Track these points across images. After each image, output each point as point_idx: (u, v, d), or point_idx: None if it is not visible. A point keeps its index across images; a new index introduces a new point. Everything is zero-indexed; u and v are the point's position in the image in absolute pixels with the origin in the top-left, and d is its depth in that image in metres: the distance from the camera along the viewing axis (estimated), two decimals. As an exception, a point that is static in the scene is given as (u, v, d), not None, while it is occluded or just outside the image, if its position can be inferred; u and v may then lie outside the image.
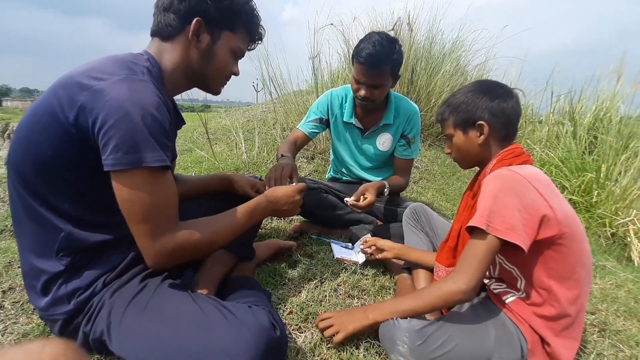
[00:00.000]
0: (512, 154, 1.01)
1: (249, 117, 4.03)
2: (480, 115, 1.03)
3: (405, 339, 0.90)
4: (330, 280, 1.35)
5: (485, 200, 0.92)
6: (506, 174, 0.94)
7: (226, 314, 0.80)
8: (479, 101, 1.04)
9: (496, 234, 0.88)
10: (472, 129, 1.06)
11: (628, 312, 1.39)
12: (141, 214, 0.77)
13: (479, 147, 1.06)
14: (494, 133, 1.04)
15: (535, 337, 0.94)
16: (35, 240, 0.85)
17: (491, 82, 1.10)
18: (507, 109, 1.02)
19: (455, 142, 1.10)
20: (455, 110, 1.08)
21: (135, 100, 0.74)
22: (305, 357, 0.98)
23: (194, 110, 4.19)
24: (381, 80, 1.56)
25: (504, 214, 0.88)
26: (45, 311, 0.86)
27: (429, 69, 3.70)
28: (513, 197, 0.89)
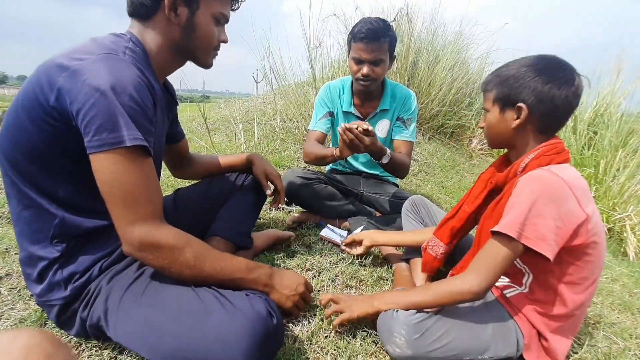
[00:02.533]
0: (553, 151, 0.91)
1: (248, 107, 4.00)
2: (523, 97, 0.90)
3: (403, 332, 0.90)
4: (328, 271, 1.35)
5: (521, 205, 0.84)
6: (547, 178, 0.85)
7: (223, 302, 0.80)
8: (529, 80, 0.89)
9: (526, 242, 0.83)
10: (510, 108, 0.93)
11: (622, 305, 1.40)
12: (120, 197, 0.74)
13: (512, 131, 0.95)
14: (534, 120, 0.92)
15: (532, 332, 0.94)
16: (29, 226, 0.84)
17: (553, 61, 0.91)
18: (558, 98, 0.87)
19: (488, 118, 1.00)
20: (501, 83, 0.95)
21: (112, 80, 0.71)
22: (303, 345, 0.99)
23: (193, 100, 4.17)
24: (381, 55, 1.57)
25: (538, 222, 0.82)
26: (41, 297, 0.86)
27: (430, 62, 3.67)
28: (551, 206, 0.82)
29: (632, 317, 1.34)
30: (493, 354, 0.92)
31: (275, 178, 1.38)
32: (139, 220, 0.76)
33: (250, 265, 0.92)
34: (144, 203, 0.77)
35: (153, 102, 0.82)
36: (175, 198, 1.29)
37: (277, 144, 2.96)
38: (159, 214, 0.80)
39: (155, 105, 0.84)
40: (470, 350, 0.92)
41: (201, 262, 0.83)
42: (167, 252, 0.79)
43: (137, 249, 0.77)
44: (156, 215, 0.79)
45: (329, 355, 0.96)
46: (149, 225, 0.77)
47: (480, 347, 0.92)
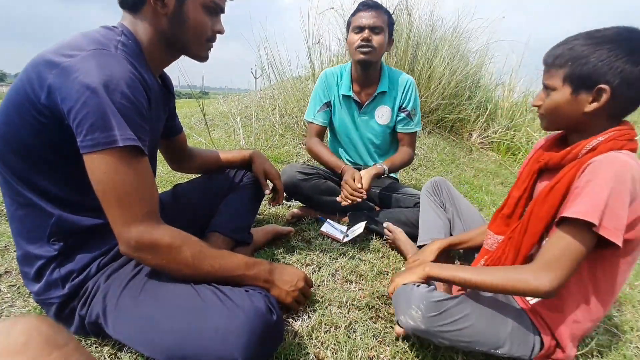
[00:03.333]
0: (627, 136, 0.82)
1: (246, 103, 3.98)
2: (608, 79, 0.78)
3: (422, 306, 0.87)
4: (328, 266, 1.35)
5: (598, 190, 0.75)
6: (625, 161, 0.76)
7: (222, 298, 0.79)
8: (615, 60, 0.77)
9: (605, 233, 0.74)
10: (586, 91, 0.82)
11: (623, 298, 1.40)
12: (114, 197, 0.73)
13: (583, 116, 0.84)
14: (612, 105, 0.81)
15: (552, 343, 0.90)
16: (24, 225, 0.83)
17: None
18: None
19: (555, 98, 0.87)
20: (578, 61, 0.81)
21: (103, 77, 0.70)
22: (303, 340, 0.99)
23: (191, 96, 4.15)
24: (381, 23, 1.59)
25: (618, 212, 0.74)
26: (39, 295, 0.85)
27: (429, 55, 3.65)
28: (626, 190, 0.74)
29: (633, 309, 1.34)
30: (507, 351, 0.89)
31: (275, 177, 1.38)
32: (134, 221, 0.75)
33: (249, 262, 0.91)
34: (139, 203, 0.75)
35: (147, 97, 0.80)
36: (174, 193, 1.29)
37: (276, 140, 2.95)
38: (154, 213, 0.79)
39: (150, 101, 0.82)
40: (484, 341, 0.88)
41: (199, 261, 0.82)
42: (164, 251, 0.78)
43: (134, 249, 0.76)
44: (152, 215, 0.78)
45: (330, 350, 0.96)
46: (145, 225, 0.76)
47: (495, 342, 0.89)
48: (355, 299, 1.18)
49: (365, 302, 1.17)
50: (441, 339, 0.88)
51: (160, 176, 2.14)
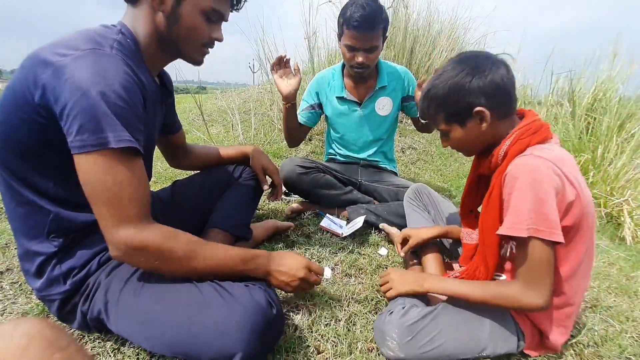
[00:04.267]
0: (529, 131, 0.88)
1: (245, 98, 3.97)
2: (475, 102, 0.88)
3: (394, 335, 0.90)
4: (328, 260, 1.36)
5: (518, 199, 0.81)
6: (532, 163, 0.82)
7: (222, 293, 0.80)
8: (468, 85, 0.88)
9: (541, 235, 0.79)
10: (469, 119, 0.91)
11: (619, 289, 1.42)
12: (104, 198, 0.71)
13: (483, 134, 0.92)
14: (495, 113, 0.89)
15: (534, 331, 0.93)
16: (24, 223, 0.84)
17: (473, 57, 0.92)
18: (501, 83, 0.87)
19: (453, 137, 0.97)
20: (444, 103, 0.93)
21: (97, 78, 0.69)
22: (303, 334, 1.00)
23: (189, 91, 4.13)
24: (376, 42, 1.56)
25: (544, 210, 0.78)
26: (41, 291, 0.86)
27: (427, 48, 3.63)
28: (548, 188, 0.79)
29: (629, 300, 1.36)
30: (492, 352, 0.92)
31: (273, 172, 1.38)
32: (123, 223, 0.73)
33: (247, 256, 0.89)
34: (128, 204, 0.73)
35: (142, 98, 0.79)
36: (173, 190, 1.29)
37: (275, 135, 2.94)
38: (145, 214, 0.76)
39: (145, 101, 0.82)
40: (466, 350, 0.92)
41: (192, 260, 0.81)
42: (155, 253, 0.76)
43: (124, 252, 0.74)
44: (142, 216, 0.75)
45: (330, 343, 0.98)
46: (135, 227, 0.74)
47: (477, 347, 0.92)
48: (354, 292, 1.19)
49: (365, 296, 1.18)
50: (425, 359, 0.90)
51: (160, 172, 2.14)
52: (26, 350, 0.42)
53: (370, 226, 1.65)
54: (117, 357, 0.88)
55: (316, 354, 0.94)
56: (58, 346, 0.45)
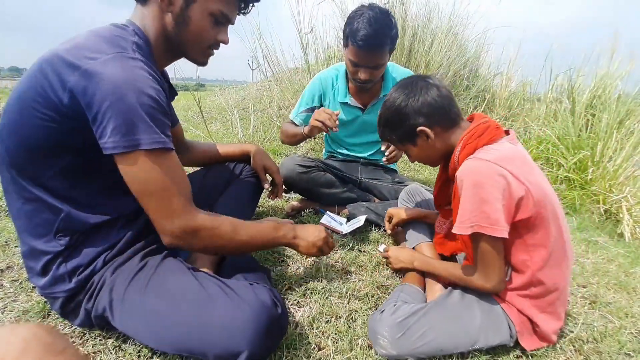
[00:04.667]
0: (474, 135, 0.95)
1: (244, 95, 3.97)
2: (415, 122, 0.99)
3: (385, 333, 0.92)
4: (328, 257, 1.36)
5: (463, 202, 0.90)
6: (475, 166, 0.89)
7: (227, 292, 0.80)
8: (404, 108, 1.00)
9: (482, 231, 0.86)
10: (417, 137, 1.02)
11: (618, 285, 1.43)
12: (152, 195, 0.77)
13: (434, 148, 1.02)
14: (438, 128, 1.00)
15: (522, 319, 0.96)
16: (31, 221, 0.83)
17: (407, 83, 1.03)
18: (434, 101, 0.98)
19: (411, 154, 1.09)
20: (392, 127, 1.06)
21: (129, 81, 0.71)
22: (304, 331, 1.00)
23: (188, 89, 4.12)
24: (382, 60, 1.51)
25: (485, 209, 0.86)
26: (45, 289, 0.86)
27: (427, 45, 3.62)
28: (489, 188, 0.85)
29: (628, 296, 1.36)
30: (484, 344, 0.94)
31: (274, 172, 1.39)
32: (175, 213, 0.79)
33: (276, 225, 1.00)
34: (177, 196, 0.79)
35: (165, 95, 0.81)
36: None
37: (274, 132, 2.94)
38: (191, 201, 0.83)
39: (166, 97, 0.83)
40: (457, 344, 0.93)
41: (237, 234, 0.89)
42: (207, 233, 0.84)
43: (179, 238, 0.81)
44: (189, 205, 0.82)
45: (330, 340, 0.98)
46: (186, 215, 0.80)
47: (468, 340, 0.94)
48: (355, 289, 1.20)
49: (365, 292, 1.18)
50: (418, 355, 0.92)
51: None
52: (23, 354, 0.42)
53: (370, 223, 1.65)
54: (119, 355, 0.88)
55: (317, 350, 0.95)
56: (55, 350, 0.45)
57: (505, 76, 4.24)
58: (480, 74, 4.17)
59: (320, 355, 0.93)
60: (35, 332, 0.45)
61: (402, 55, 3.55)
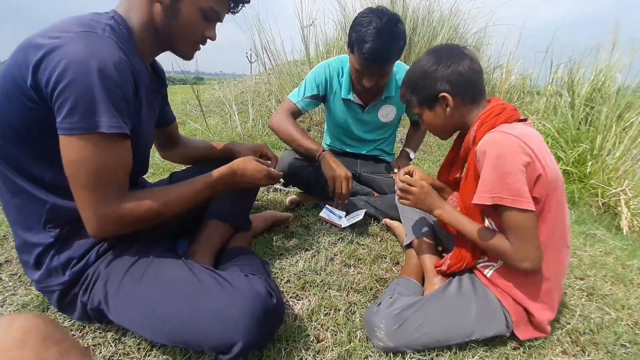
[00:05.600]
0: (492, 114, 0.96)
1: (242, 88, 3.94)
2: (439, 88, 0.99)
3: (382, 325, 0.93)
4: (327, 250, 1.37)
5: (485, 171, 0.87)
6: (499, 138, 0.88)
7: (222, 283, 0.81)
8: (433, 73, 0.99)
9: (504, 202, 0.84)
10: (436, 103, 1.02)
11: (615, 278, 1.43)
12: (86, 180, 0.74)
13: (450, 118, 1.02)
14: (460, 100, 0.99)
15: (518, 309, 0.96)
16: (20, 214, 0.83)
17: (441, 49, 1.03)
18: (464, 72, 0.97)
19: (425, 120, 1.08)
20: (415, 89, 1.05)
21: (91, 59, 0.68)
22: (303, 323, 1.01)
23: (186, 82, 4.09)
24: (387, 70, 1.48)
25: (508, 180, 0.84)
26: (40, 283, 0.86)
27: (427, 38, 3.60)
28: (512, 160, 0.84)
29: (625, 288, 1.37)
30: (480, 335, 0.95)
31: (263, 147, 1.34)
32: (102, 203, 0.76)
33: (212, 181, 0.97)
34: (110, 187, 0.77)
35: (135, 83, 0.79)
36: (171, 181, 1.28)
37: (273, 126, 2.92)
38: (122, 190, 0.80)
39: (138, 86, 0.81)
40: (453, 335, 0.94)
41: (169, 208, 0.87)
42: (134, 221, 0.81)
43: (105, 230, 0.79)
44: (120, 193, 0.79)
45: (329, 332, 0.99)
46: (114, 205, 0.77)
47: (464, 331, 0.94)
48: (354, 282, 1.20)
49: (364, 285, 1.19)
50: (415, 347, 0.93)
51: (157, 164, 2.13)
52: (22, 344, 0.42)
53: (369, 217, 1.65)
54: (118, 347, 0.88)
55: (316, 342, 0.95)
56: (54, 340, 0.46)
57: (505, 69, 4.22)
58: (480, 67, 4.15)
59: (319, 347, 0.94)
60: (34, 323, 0.45)
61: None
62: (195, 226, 1.22)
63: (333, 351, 0.92)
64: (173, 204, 0.89)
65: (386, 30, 1.34)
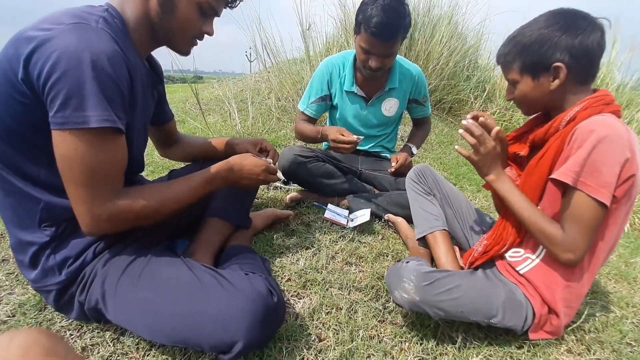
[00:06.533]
0: (601, 102, 0.86)
1: (242, 87, 3.92)
2: (557, 57, 0.86)
3: (412, 277, 0.91)
4: (328, 248, 1.35)
5: (582, 151, 0.79)
6: (612, 122, 0.80)
7: (222, 282, 0.79)
8: (557, 40, 0.85)
9: (584, 189, 0.79)
10: (544, 73, 0.89)
11: (619, 275, 1.42)
12: (80, 177, 0.72)
13: (551, 94, 0.90)
14: (572, 76, 0.87)
15: (544, 310, 0.93)
16: (15, 213, 0.82)
17: (571, 13, 0.88)
18: (591, 47, 0.84)
19: (521, 89, 0.94)
20: (525, 51, 0.90)
21: (84, 51, 0.66)
22: (305, 322, 0.99)
23: (185, 80, 4.06)
24: (393, 49, 1.49)
25: (602, 170, 0.77)
26: (37, 283, 0.85)
27: (427, 34, 3.58)
28: (615, 150, 0.77)
29: (629, 286, 1.36)
30: (499, 320, 0.92)
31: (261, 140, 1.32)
32: (97, 201, 0.74)
33: (208, 177, 0.95)
34: (104, 184, 0.75)
35: (129, 76, 0.77)
36: (170, 179, 1.27)
37: (273, 123, 2.91)
38: (117, 187, 0.78)
39: (133, 79, 0.79)
40: (478, 310, 0.91)
41: (165, 206, 0.86)
42: (129, 218, 0.80)
43: (99, 228, 0.77)
44: (115, 190, 0.77)
45: (331, 331, 0.97)
46: (108, 202, 0.76)
47: (489, 311, 0.92)
48: (355, 280, 1.19)
49: (366, 284, 1.17)
50: (437, 309, 0.90)
51: (157, 162, 2.11)
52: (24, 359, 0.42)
53: (371, 215, 1.63)
54: (117, 347, 0.87)
55: (318, 341, 0.94)
56: (56, 354, 0.45)
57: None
58: (480, 64, 4.13)
59: (321, 346, 0.92)
60: (36, 338, 0.45)
61: (402, 44, 3.50)
62: (194, 225, 1.20)
63: (335, 350, 0.91)
64: (170, 201, 0.87)
65: (392, 7, 1.38)
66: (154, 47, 0.94)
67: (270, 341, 0.89)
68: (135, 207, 0.80)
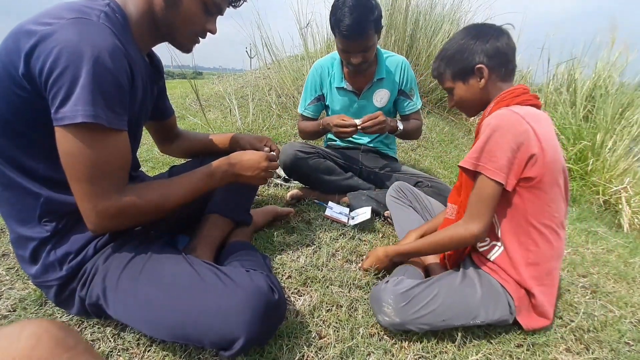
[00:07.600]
0: (511, 95, 1.00)
1: (242, 83, 3.91)
2: (477, 60, 1.02)
3: (390, 301, 0.94)
4: (328, 246, 1.35)
5: (480, 140, 0.93)
6: (503, 113, 0.94)
7: (223, 278, 0.79)
8: (473, 46, 1.02)
9: (484, 172, 0.92)
10: (471, 76, 1.04)
11: (618, 275, 1.43)
12: (84, 173, 0.71)
13: (482, 92, 1.05)
14: (494, 74, 1.03)
15: (521, 292, 0.98)
16: (14, 208, 0.81)
17: (479, 25, 1.07)
18: (502, 47, 1.01)
19: (457, 94, 1.09)
20: (451, 61, 1.07)
21: (85, 46, 0.66)
22: (305, 319, 0.99)
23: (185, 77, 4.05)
24: (369, 43, 1.52)
25: (496, 152, 0.90)
26: (37, 278, 0.84)
27: (429, 33, 3.57)
28: (507, 135, 0.90)
29: (627, 286, 1.37)
30: (484, 318, 0.95)
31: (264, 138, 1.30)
32: (101, 197, 0.74)
33: (209, 172, 0.96)
34: (108, 181, 0.74)
35: (130, 71, 0.77)
36: (170, 175, 1.26)
37: (273, 120, 2.90)
38: (121, 184, 0.78)
39: (133, 74, 0.79)
40: (459, 315, 0.95)
41: (167, 201, 0.86)
42: (133, 215, 0.80)
43: (104, 224, 0.77)
44: (119, 187, 0.77)
45: (331, 328, 0.97)
46: (113, 199, 0.75)
47: (469, 313, 0.95)
48: (356, 278, 1.19)
49: (366, 282, 1.18)
50: (419, 325, 0.93)
51: (157, 158, 2.11)
52: (34, 350, 0.42)
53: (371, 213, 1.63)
54: (117, 343, 0.87)
55: (318, 339, 0.94)
56: (66, 345, 0.45)
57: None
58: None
59: (322, 343, 0.92)
60: (46, 328, 0.45)
61: (403, 43, 3.50)
62: (195, 221, 1.20)
63: (335, 348, 0.91)
64: (172, 197, 0.87)
65: (358, 6, 1.43)
66: (155, 43, 0.94)
67: (271, 338, 0.89)
68: (140, 203, 0.80)
